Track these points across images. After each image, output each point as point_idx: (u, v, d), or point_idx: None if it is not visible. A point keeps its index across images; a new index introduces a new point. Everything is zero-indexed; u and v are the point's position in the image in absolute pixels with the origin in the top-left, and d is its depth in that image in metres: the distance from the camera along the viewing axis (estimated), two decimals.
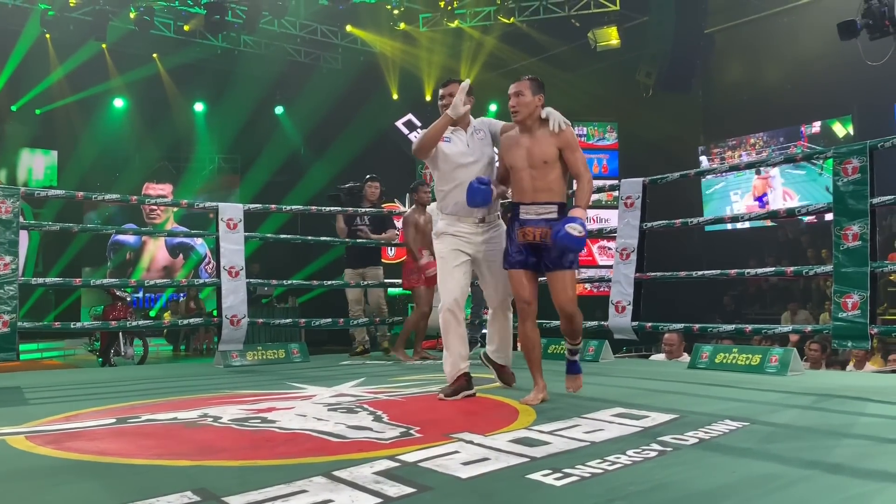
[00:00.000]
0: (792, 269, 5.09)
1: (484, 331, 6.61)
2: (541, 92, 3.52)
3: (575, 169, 3.47)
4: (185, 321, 8.70)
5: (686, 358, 5.85)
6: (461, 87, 3.73)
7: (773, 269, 5.80)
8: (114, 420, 3.18)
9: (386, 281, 6.60)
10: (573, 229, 3.21)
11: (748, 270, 5.48)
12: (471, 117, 3.84)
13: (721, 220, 5.98)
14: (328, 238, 6.42)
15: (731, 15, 13.60)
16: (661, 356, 6.33)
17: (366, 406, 3.41)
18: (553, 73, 13.88)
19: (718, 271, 5.39)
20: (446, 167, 3.79)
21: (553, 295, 3.52)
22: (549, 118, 3.48)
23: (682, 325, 5.12)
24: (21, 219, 5.00)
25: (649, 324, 5.21)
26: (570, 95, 13.75)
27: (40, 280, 5.92)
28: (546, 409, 3.10)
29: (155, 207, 15.98)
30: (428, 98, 14.84)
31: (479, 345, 6.44)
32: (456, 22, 14.00)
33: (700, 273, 5.39)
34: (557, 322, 6.05)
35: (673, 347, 5.94)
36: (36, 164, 14.86)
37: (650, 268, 5.47)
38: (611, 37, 13.81)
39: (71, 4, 12.22)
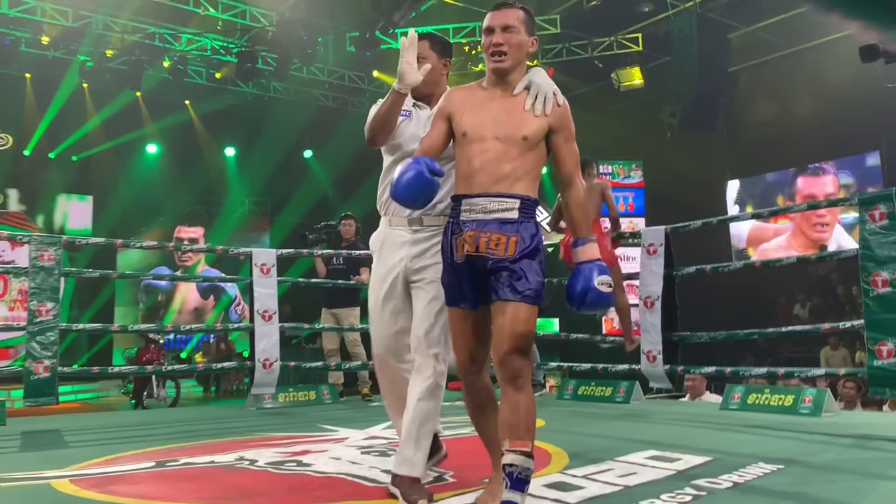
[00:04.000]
0: (828, 325, 5.08)
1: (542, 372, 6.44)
2: (535, 34, 2.36)
3: (566, 168, 2.28)
4: (219, 365, 8.81)
5: (709, 396, 5.81)
6: (406, 42, 2.52)
7: (809, 326, 5.81)
8: (153, 463, 3.24)
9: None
10: (603, 285, 2.12)
11: (784, 328, 5.44)
12: (447, 87, 2.63)
13: (751, 265, 5.95)
14: (359, 283, 6.49)
15: (754, 53, 13.69)
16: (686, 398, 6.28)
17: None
18: (577, 113, 13.62)
19: (758, 331, 5.32)
20: (393, 150, 2.68)
21: (493, 339, 2.20)
22: (531, 86, 2.29)
23: (714, 367, 5.10)
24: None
25: (680, 367, 5.19)
26: (595, 135, 13.86)
27: (80, 325, 6.05)
28: (579, 451, 3.11)
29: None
30: None
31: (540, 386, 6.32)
32: (480, 66, 14.23)
33: (735, 332, 5.33)
34: (587, 365, 6.10)
35: (696, 383, 5.90)
36: (72, 210, 15.23)
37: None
38: (634, 77, 13.96)
39: (108, 55, 12.66)
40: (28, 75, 13.43)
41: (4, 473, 2.98)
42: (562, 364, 7.46)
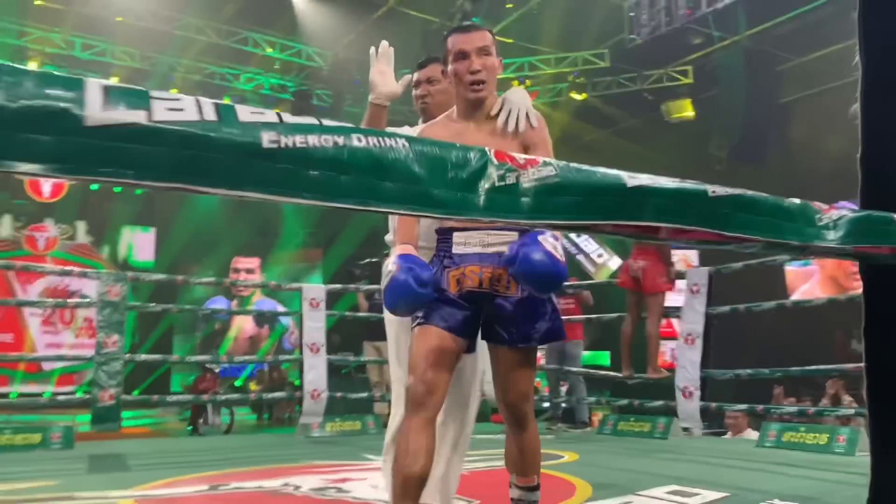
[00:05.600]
0: (852, 365, 5.13)
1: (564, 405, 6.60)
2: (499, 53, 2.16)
3: None
4: (270, 395, 9.15)
5: (750, 433, 5.84)
6: (375, 52, 2.46)
7: (833, 366, 5.82)
8: (207, 487, 3.50)
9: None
10: (546, 242, 1.88)
11: (808, 367, 5.47)
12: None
13: (783, 306, 5.99)
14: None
15: (806, 84, 13.55)
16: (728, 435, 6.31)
17: None
18: (625, 145, 14.17)
19: (782, 369, 5.40)
20: None
21: (497, 383, 2.08)
22: (504, 104, 2.12)
23: (746, 405, 5.17)
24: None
25: (714, 404, 5.27)
26: (644, 167, 13.83)
27: (142, 356, 6.46)
28: (604, 485, 3.25)
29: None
30: None
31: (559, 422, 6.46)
32: None
33: (760, 370, 5.40)
34: (625, 400, 6.20)
35: (737, 420, 5.94)
36: (136, 241, 15.94)
37: (719, 346, 5.56)
38: (685, 109, 13.98)
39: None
40: None
41: (76, 493, 3.27)
42: (600, 399, 7.54)
